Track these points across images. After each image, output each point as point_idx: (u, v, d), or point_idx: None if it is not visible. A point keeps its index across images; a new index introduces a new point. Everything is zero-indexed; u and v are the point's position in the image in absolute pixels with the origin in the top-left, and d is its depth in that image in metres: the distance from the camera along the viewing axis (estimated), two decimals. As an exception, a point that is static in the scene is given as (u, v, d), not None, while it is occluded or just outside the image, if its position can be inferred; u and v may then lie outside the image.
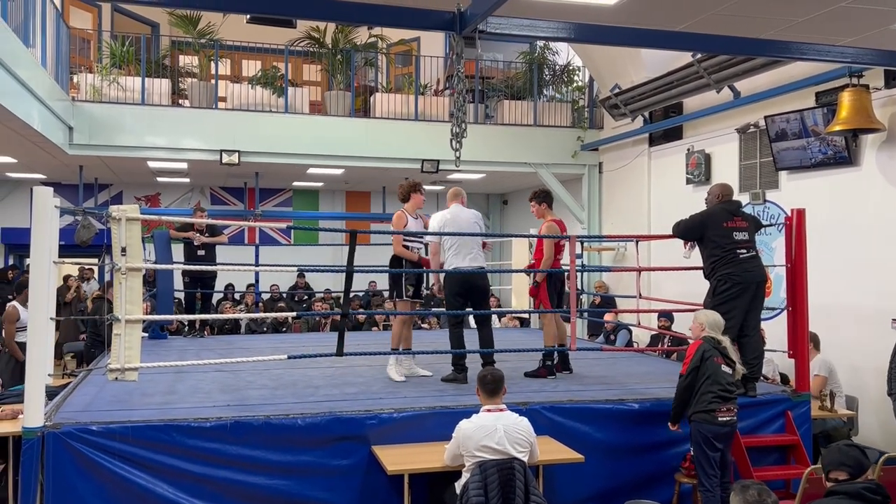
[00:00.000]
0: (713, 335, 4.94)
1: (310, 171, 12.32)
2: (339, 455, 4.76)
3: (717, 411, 4.74)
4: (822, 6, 5.06)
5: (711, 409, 4.74)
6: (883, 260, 7.17)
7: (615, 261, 11.65)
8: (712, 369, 4.80)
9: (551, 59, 12.74)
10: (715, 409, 4.74)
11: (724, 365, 4.86)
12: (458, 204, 6.27)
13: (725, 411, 4.76)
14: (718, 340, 4.92)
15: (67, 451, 4.32)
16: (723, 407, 4.76)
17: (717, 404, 4.75)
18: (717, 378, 4.78)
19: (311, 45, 11.82)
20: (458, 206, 6.25)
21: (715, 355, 4.84)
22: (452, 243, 6.03)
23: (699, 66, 8.83)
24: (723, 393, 4.77)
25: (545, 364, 6.31)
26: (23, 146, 9.46)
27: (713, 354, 4.84)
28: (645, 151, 10.89)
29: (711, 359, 4.82)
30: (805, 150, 7.91)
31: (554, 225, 6.38)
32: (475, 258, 6.06)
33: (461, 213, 6.19)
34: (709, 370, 4.79)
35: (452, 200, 6.30)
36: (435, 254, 6.16)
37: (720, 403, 4.75)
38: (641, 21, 5.28)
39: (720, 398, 4.76)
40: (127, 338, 4.52)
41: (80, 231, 8.13)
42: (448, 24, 4.52)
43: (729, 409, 4.79)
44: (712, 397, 4.75)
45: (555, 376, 6.26)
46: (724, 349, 4.90)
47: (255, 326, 10.90)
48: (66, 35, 10.28)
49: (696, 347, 4.90)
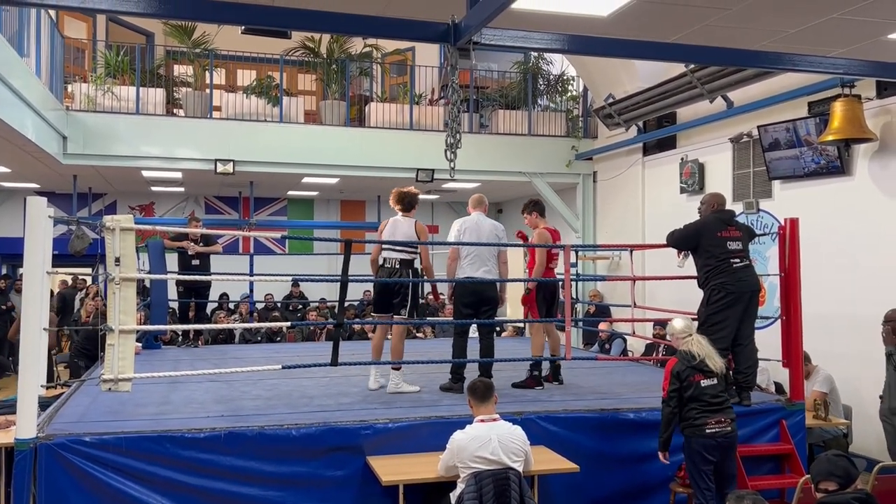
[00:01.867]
0: (687, 347, 4.81)
1: (304, 180, 12.33)
2: (333, 466, 4.75)
3: (706, 424, 4.68)
4: (814, 17, 5.10)
5: (698, 423, 4.69)
6: (876, 269, 7.20)
7: (610, 269, 11.67)
8: (692, 390, 4.71)
9: (545, 69, 12.79)
10: (702, 422, 4.69)
11: (705, 378, 4.74)
12: (480, 213, 6.23)
13: (714, 423, 4.69)
14: (693, 354, 4.78)
15: (60, 462, 4.29)
16: (711, 419, 4.69)
17: (705, 417, 4.69)
18: (699, 397, 4.71)
19: (306, 54, 11.86)
20: (480, 215, 6.20)
21: (691, 374, 4.73)
22: (469, 252, 6.00)
23: (692, 76, 8.88)
24: (707, 408, 4.70)
25: (532, 374, 6.27)
26: (17, 156, 9.44)
27: (689, 374, 4.73)
28: (639, 161, 10.93)
29: (688, 378, 4.72)
30: (798, 160, 7.95)
31: (546, 233, 6.36)
32: (490, 271, 6.02)
33: (483, 223, 6.15)
34: (689, 391, 4.71)
35: (476, 208, 6.27)
36: (453, 260, 6.10)
37: (707, 416, 4.69)
38: (635, 32, 5.31)
39: (706, 412, 4.70)
40: (120, 348, 4.50)
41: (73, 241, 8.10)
42: (443, 35, 4.54)
43: (719, 420, 4.70)
44: (697, 413, 4.70)
45: (542, 387, 6.22)
46: (699, 364, 4.75)
47: (250, 336, 10.87)
48: (60, 45, 10.29)
49: (670, 369, 4.79)
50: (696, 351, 4.81)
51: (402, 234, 5.88)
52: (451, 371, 6.09)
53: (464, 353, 6.09)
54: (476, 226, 6.10)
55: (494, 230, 6.15)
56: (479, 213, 6.23)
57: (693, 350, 4.81)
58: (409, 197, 6.04)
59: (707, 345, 4.90)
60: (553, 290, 6.39)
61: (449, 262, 6.15)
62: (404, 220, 5.97)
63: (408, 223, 5.95)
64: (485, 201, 6.34)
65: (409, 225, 5.95)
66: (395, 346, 6.01)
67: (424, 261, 6.15)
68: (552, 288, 6.37)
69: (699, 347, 4.83)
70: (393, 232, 5.90)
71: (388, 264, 5.93)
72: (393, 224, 5.95)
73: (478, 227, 6.09)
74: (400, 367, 5.91)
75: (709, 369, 4.77)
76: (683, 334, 4.92)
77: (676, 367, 4.77)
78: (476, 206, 6.29)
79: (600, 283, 11.67)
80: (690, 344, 4.85)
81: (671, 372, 4.78)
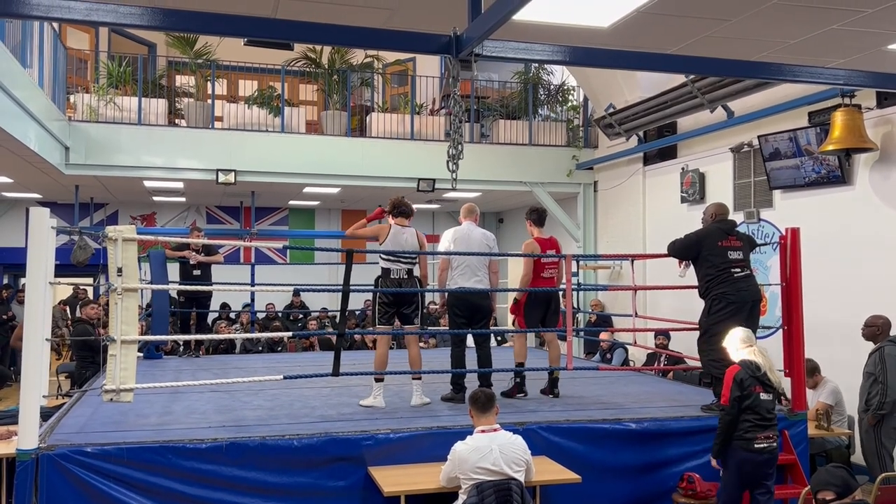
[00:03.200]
0: (749, 357, 4.76)
1: (306, 189, 12.36)
2: (335, 476, 4.74)
3: (755, 439, 4.64)
4: (814, 28, 5.12)
5: (748, 437, 4.64)
6: (877, 278, 7.20)
7: (611, 279, 11.67)
8: (751, 400, 4.64)
9: (546, 79, 12.84)
10: (752, 436, 4.63)
11: (763, 392, 4.69)
12: (471, 222, 6.24)
13: (763, 438, 4.64)
14: (757, 365, 4.71)
15: (62, 473, 4.29)
16: (761, 434, 4.64)
17: (756, 431, 4.64)
18: (756, 409, 4.65)
19: (308, 65, 11.91)
20: (470, 224, 6.21)
21: (752, 384, 4.66)
22: (460, 262, 6.00)
23: (693, 86, 8.91)
24: (761, 422, 4.65)
25: (515, 382, 6.26)
26: (19, 166, 9.47)
27: (752, 383, 4.66)
28: (639, 170, 10.95)
29: (750, 388, 4.65)
30: (799, 169, 7.97)
31: (533, 243, 6.31)
32: (481, 280, 6.03)
33: (473, 232, 6.16)
34: (748, 400, 4.64)
35: (467, 217, 6.27)
36: (443, 270, 6.11)
37: (758, 431, 4.64)
38: (635, 43, 5.33)
39: (758, 426, 4.64)
40: (122, 358, 4.51)
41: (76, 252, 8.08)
42: (444, 47, 4.56)
43: (767, 436, 4.66)
44: (749, 426, 4.64)
45: (525, 394, 6.20)
46: (762, 376, 4.69)
47: (251, 346, 10.87)
48: (63, 55, 10.33)
49: (733, 375, 4.70)
50: (762, 362, 4.74)
51: (408, 245, 5.87)
52: (451, 381, 6.09)
53: (462, 363, 6.09)
54: (467, 236, 6.11)
55: (485, 240, 6.16)
56: (470, 222, 6.24)
57: (759, 360, 4.74)
58: (406, 205, 6.00)
59: (768, 357, 4.84)
60: (546, 299, 6.31)
61: (440, 272, 6.16)
62: (405, 229, 5.95)
63: (410, 234, 5.94)
64: (476, 210, 6.34)
65: (411, 235, 5.94)
66: (415, 356, 5.94)
67: (423, 270, 6.15)
68: (544, 297, 6.31)
69: (763, 359, 4.77)
70: (397, 242, 5.89)
71: (394, 275, 5.87)
72: (395, 233, 5.91)
73: (468, 237, 6.10)
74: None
75: (769, 382, 4.72)
76: (745, 343, 4.85)
77: (740, 375, 4.68)
78: (467, 215, 6.29)
79: (602, 293, 11.66)
80: (755, 354, 4.79)
81: (734, 378, 4.68)
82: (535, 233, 6.41)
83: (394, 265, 5.85)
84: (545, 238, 6.39)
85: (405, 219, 5.97)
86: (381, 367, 5.85)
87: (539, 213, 6.48)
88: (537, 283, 6.26)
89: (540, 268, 6.27)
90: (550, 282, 6.33)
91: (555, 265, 6.36)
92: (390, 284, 5.86)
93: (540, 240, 6.35)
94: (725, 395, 4.73)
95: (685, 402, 5.98)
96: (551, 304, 6.33)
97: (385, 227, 5.95)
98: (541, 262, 6.25)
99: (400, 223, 5.94)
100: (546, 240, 6.38)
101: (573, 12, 4.84)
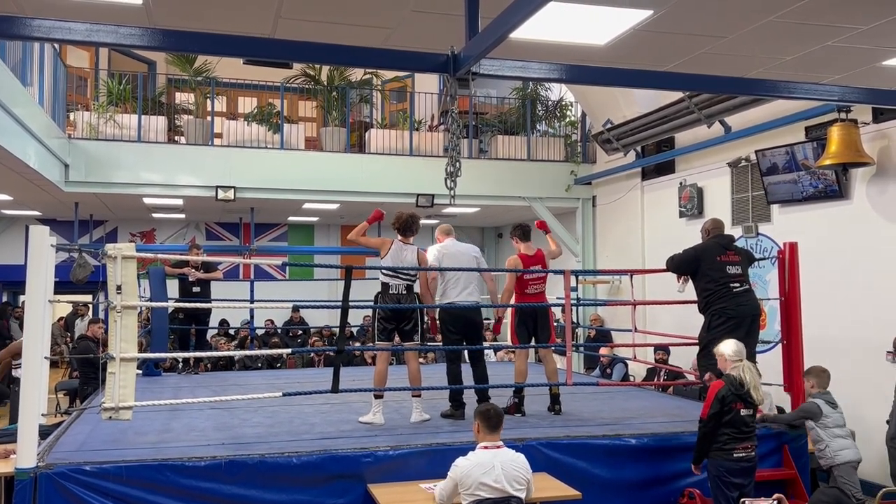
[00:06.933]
0: (736, 372, 4.80)
1: (305, 206, 12.38)
2: (334, 494, 4.72)
3: (734, 449, 4.73)
4: (809, 45, 5.17)
5: (727, 448, 4.73)
6: (876, 292, 7.21)
7: (610, 293, 11.67)
8: (730, 417, 4.72)
9: (544, 95, 12.91)
10: (731, 447, 4.73)
11: (744, 408, 4.76)
12: (452, 239, 6.29)
13: (741, 448, 4.74)
14: (741, 381, 4.76)
15: (60, 491, 4.28)
16: (738, 445, 4.74)
17: (734, 444, 4.73)
18: (735, 423, 4.74)
19: (307, 82, 11.98)
20: (452, 240, 6.26)
21: (734, 401, 4.73)
22: (450, 277, 6.03)
23: (690, 101, 8.96)
24: (738, 434, 4.74)
25: (514, 401, 6.23)
26: (18, 183, 9.50)
27: (732, 400, 4.73)
28: (638, 185, 10.99)
29: (731, 405, 4.72)
30: (796, 184, 8.00)
31: (515, 259, 6.31)
32: (471, 293, 6.06)
33: (457, 247, 6.20)
34: (727, 416, 4.72)
35: (446, 236, 6.31)
36: (427, 284, 6.12)
37: (736, 443, 4.74)
38: (631, 61, 5.38)
39: (736, 439, 4.74)
40: (121, 376, 4.51)
41: (75, 269, 8.12)
42: (442, 66, 4.58)
43: (745, 446, 4.76)
44: (728, 438, 4.74)
45: (522, 414, 6.18)
46: (745, 393, 4.75)
47: (250, 362, 10.85)
48: (63, 74, 10.39)
49: (716, 392, 4.77)
50: (748, 379, 4.78)
51: (408, 263, 5.90)
52: (450, 398, 6.08)
53: (459, 379, 6.08)
54: (453, 250, 6.15)
55: (472, 252, 6.23)
56: (452, 239, 6.28)
57: (745, 377, 4.78)
58: (412, 222, 6.00)
59: (756, 374, 4.89)
60: (532, 315, 6.29)
61: (428, 285, 6.14)
62: (407, 247, 5.97)
63: (411, 252, 5.96)
64: (451, 230, 6.38)
65: (412, 253, 5.96)
66: (415, 372, 5.97)
67: (423, 287, 6.15)
68: (530, 312, 6.28)
69: (751, 376, 4.81)
70: (398, 258, 5.90)
71: (393, 290, 5.88)
72: (397, 250, 5.93)
73: (455, 252, 6.14)
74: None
75: (751, 399, 4.78)
76: (735, 358, 4.89)
77: (722, 391, 4.75)
78: (446, 234, 6.32)
79: (601, 308, 11.66)
80: (742, 370, 4.82)
81: (716, 395, 4.74)
82: (521, 248, 6.40)
83: (393, 280, 5.87)
84: (530, 254, 6.36)
85: (409, 236, 6.01)
86: (380, 384, 5.84)
87: (523, 228, 6.50)
88: (523, 299, 6.26)
89: (524, 284, 6.26)
90: (536, 297, 6.31)
91: (541, 280, 6.35)
92: (389, 300, 5.86)
93: (524, 256, 6.33)
94: (705, 410, 4.79)
95: (685, 417, 5.96)
96: (538, 319, 6.31)
97: (388, 241, 5.98)
98: (524, 278, 6.24)
99: (404, 240, 5.98)
100: (531, 256, 6.35)
101: (570, 31, 4.88)
